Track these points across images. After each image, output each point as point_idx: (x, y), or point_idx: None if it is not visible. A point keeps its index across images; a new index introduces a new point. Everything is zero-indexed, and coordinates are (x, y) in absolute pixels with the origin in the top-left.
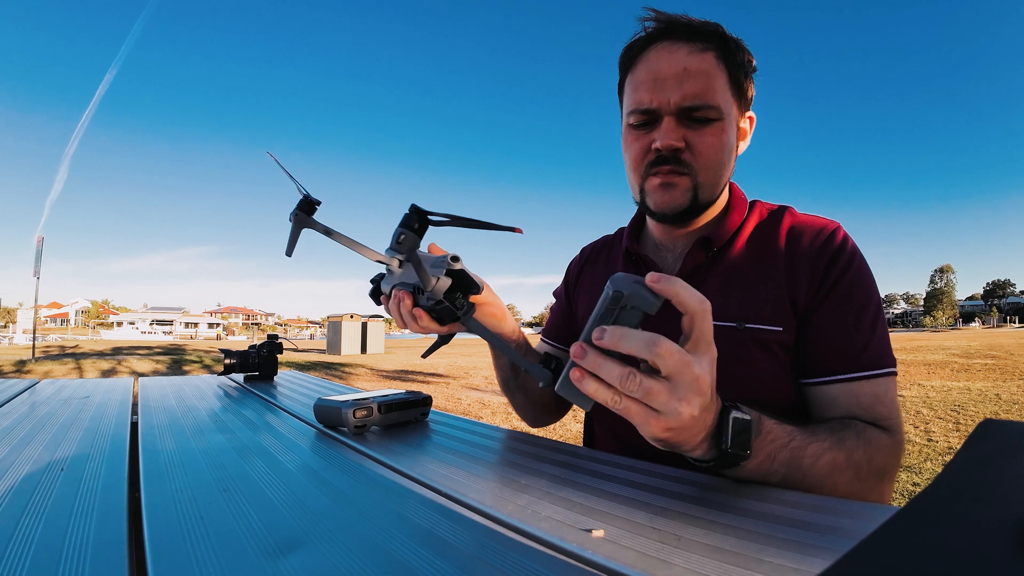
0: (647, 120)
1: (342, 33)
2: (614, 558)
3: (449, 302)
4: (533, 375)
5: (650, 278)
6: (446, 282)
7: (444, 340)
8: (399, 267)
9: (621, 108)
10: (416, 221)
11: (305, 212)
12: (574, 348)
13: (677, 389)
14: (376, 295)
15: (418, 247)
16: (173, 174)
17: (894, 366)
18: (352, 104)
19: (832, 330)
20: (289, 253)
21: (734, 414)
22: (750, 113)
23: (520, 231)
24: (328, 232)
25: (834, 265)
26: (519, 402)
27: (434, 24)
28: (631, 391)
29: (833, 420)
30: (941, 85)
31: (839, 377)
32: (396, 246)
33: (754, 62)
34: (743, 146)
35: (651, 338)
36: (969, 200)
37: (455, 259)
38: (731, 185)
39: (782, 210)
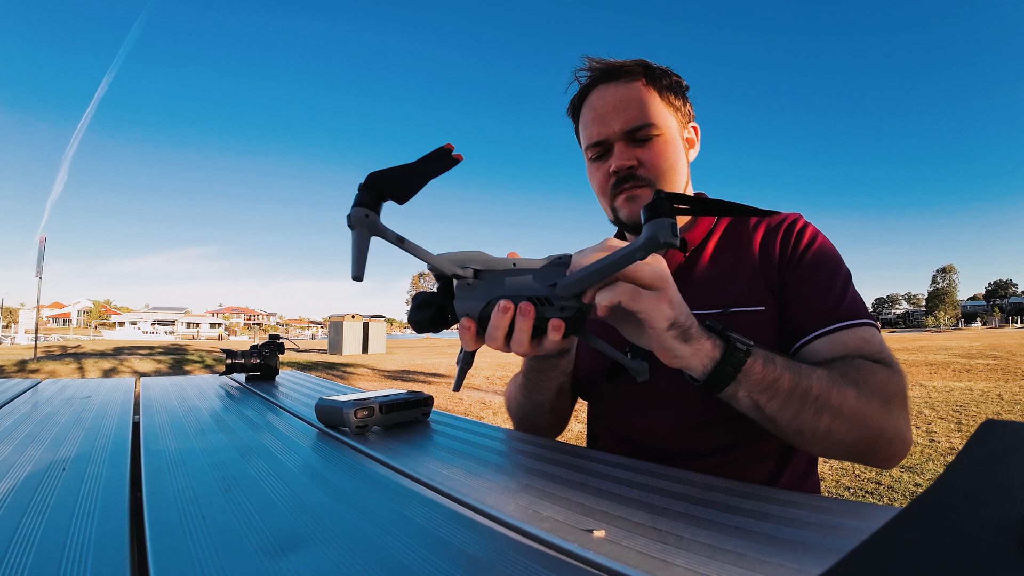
0: (601, 151)
1: (339, 35)
2: (615, 558)
3: (578, 306)
4: (633, 369)
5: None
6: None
7: (468, 364)
8: (474, 276)
9: (582, 149)
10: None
11: (375, 210)
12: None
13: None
14: (439, 319)
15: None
16: (173, 175)
17: (874, 320)
18: (350, 103)
19: (805, 296)
20: (359, 275)
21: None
22: (693, 124)
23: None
24: (400, 241)
25: (799, 243)
26: (545, 423)
27: (438, 26)
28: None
29: None
30: (941, 89)
31: (818, 332)
32: (666, 239)
33: (684, 82)
34: (693, 153)
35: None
36: (971, 201)
37: (567, 257)
38: (702, 196)
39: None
